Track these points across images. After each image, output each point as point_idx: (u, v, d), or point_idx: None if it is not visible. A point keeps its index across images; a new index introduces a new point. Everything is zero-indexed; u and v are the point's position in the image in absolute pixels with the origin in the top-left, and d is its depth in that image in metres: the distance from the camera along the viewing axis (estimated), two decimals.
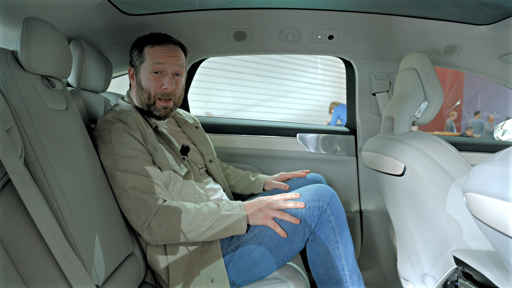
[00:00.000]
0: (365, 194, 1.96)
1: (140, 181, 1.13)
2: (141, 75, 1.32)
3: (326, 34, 1.72)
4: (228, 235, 1.16)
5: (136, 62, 1.33)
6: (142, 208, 1.12)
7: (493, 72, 1.84)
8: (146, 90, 1.31)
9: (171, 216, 1.12)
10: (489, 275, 0.99)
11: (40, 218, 0.75)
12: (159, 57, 1.30)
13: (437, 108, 1.32)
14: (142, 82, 1.31)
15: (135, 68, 1.34)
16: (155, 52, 1.31)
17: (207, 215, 1.14)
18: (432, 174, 1.19)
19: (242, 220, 1.16)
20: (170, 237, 1.13)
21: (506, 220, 0.61)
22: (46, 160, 0.86)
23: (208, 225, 1.13)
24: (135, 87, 1.34)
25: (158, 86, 1.30)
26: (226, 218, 1.14)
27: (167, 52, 1.32)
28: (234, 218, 1.15)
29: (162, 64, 1.30)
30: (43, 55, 0.93)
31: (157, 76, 1.30)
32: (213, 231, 1.13)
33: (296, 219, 1.15)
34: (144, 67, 1.31)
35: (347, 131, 2.00)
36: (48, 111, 0.95)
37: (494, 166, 0.65)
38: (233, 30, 1.68)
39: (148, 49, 1.32)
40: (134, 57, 1.34)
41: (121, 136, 1.16)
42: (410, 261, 1.50)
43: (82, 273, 0.79)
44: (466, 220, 1.15)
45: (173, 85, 1.32)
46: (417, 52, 1.38)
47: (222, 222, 1.14)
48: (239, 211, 1.17)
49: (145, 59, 1.31)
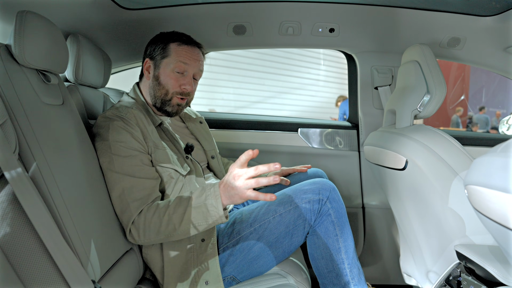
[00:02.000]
0: (367, 189, 1.95)
1: (131, 183, 1.11)
2: (161, 70, 1.30)
3: (327, 27, 1.69)
4: (210, 225, 1.08)
5: (158, 56, 1.31)
6: (125, 215, 1.10)
7: (498, 65, 1.81)
8: (164, 86, 1.29)
9: (145, 221, 1.08)
10: (492, 269, 0.97)
11: (35, 214, 0.75)
12: (185, 57, 1.30)
13: (440, 101, 1.30)
14: (161, 77, 1.30)
15: (154, 61, 1.32)
16: (182, 51, 1.30)
17: (179, 210, 1.07)
18: (434, 168, 1.18)
19: (216, 206, 1.05)
20: (151, 240, 1.11)
21: (508, 213, 0.59)
22: (41, 155, 0.85)
23: (180, 220, 1.06)
24: (151, 80, 1.32)
25: (176, 85, 1.29)
26: (196, 209, 1.06)
27: (193, 54, 1.32)
28: (207, 207, 1.06)
29: (186, 64, 1.30)
30: (37, 49, 0.92)
31: (178, 75, 1.29)
32: (189, 224, 1.06)
33: (270, 196, 0.98)
34: (167, 62, 1.29)
35: (349, 125, 1.98)
36: (44, 105, 0.94)
37: (496, 158, 0.64)
38: (232, 23, 1.66)
39: (174, 46, 1.30)
40: (156, 50, 1.31)
41: (119, 134, 1.15)
42: (413, 256, 1.49)
43: (78, 268, 0.79)
44: (469, 215, 1.14)
45: (192, 86, 1.32)
46: (419, 44, 1.36)
47: (195, 213, 1.06)
48: (210, 199, 1.06)
49: (169, 55, 1.30)
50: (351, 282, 1.21)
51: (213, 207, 1.05)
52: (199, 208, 1.06)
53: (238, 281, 1.23)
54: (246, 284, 1.22)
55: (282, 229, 1.20)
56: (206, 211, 1.06)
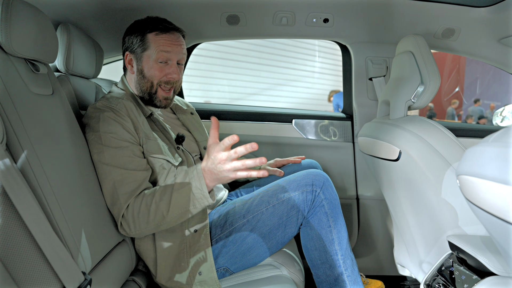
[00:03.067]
0: (361, 180, 1.95)
1: (122, 176, 1.09)
2: (144, 63, 1.27)
3: (321, 18, 1.68)
4: (197, 208, 1.06)
5: (137, 49, 1.27)
6: (115, 208, 1.09)
7: (492, 56, 1.81)
8: (149, 79, 1.27)
9: (134, 212, 1.07)
10: (483, 260, 0.98)
11: (24, 206, 0.73)
12: (166, 45, 1.26)
13: (434, 92, 1.29)
14: (145, 70, 1.27)
15: (135, 55, 1.28)
16: (160, 40, 1.26)
17: (165, 197, 1.06)
18: (427, 159, 1.18)
19: (201, 188, 1.03)
20: (142, 231, 1.10)
21: (502, 204, 0.59)
22: (29, 146, 0.84)
23: (168, 207, 1.05)
24: (135, 74, 1.29)
25: (161, 75, 1.27)
26: (181, 194, 1.05)
27: (173, 41, 1.28)
28: (192, 191, 1.04)
29: (168, 53, 1.26)
30: (24, 37, 0.90)
31: (162, 65, 1.27)
32: (178, 210, 1.05)
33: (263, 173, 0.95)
34: (148, 55, 1.26)
35: (343, 116, 1.98)
36: (32, 95, 0.92)
37: (488, 147, 0.63)
38: (226, 13, 1.64)
39: (152, 36, 1.26)
40: (135, 43, 1.28)
41: (109, 125, 1.13)
42: (407, 246, 1.49)
43: (68, 260, 0.78)
44: (462, 205, 1.14)
45: (178, 74, 1.30)
46: (413, 35, 1.35)
47: (181, 198, 1.04)
48: (194, 181, 1.04)
49: (148, 47, 1.26)
50: (344, 273, 1.21)
51: (198, 189, 1.03)
52: (184, 192, 1.05)
53: (231, 272, 1.23)
54: (239, 275, 1.22)
55: (275, 220, 1.20)
56: (191, 195, 1.04)
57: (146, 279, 1.23)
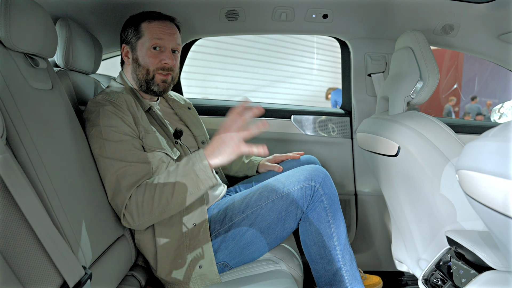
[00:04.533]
0: (360, 176, 1.95)
1: (124, 169, 1.09)
2: (138, 52, 1.29)
3: (321, 13, 1.67)
4: (201, 191, 1.08)
5: (132, 39, 1.30)
6: (118, 200, 1.09)
7: (491, 52, 1.81)
8: (144, 66, 1.28)
9: (137, 202, 1.07)
10: (482, 254, 0.98)
11: (24, 200, 0.73)
12: (159, 32, 1.28)
13: (433, 88, 1.29)
14: (140, 58, 1.29)
15: (130, 45, 1.31)
16: (153, 27, 1.28)
17: (168, 182, 1.07)
18: (426, 154, 1.18)
19: (204, 169, 1.06)
20: (146, 221, 1.09)
21: (502, 198, 0.59)
22: (29, 140, 0.83)
23: (172, 192, 1.06)
24: (131, 64, 1.31)
25: (156, 62, 1.28)
26: (185, 177, 1.06)
27: (166, 29, 1.30)
28: (196, 173, 1.06)
29: (162, 40, 1.28)
30: (24, 32, 0.90)
31: (156, 52, 1.28)
32: (182, 194, 1.06)
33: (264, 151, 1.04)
34: (142, 42, 1.28)
35: (342, 113, 1.98)
36: (32, 90, 0.92)
37: (488, 142, 0.64)
38: (225, 9, 1.64)
39: (145, 24, 1.29)
40: (130, 34, 1.31)
41: (109, 119, 1.13)
42: (404, 242, 1.50)
43: (68, 254, 0.78)
44: (460, 201, 1.15)
45: (173, 60, 1.30)
46: (413, 31, 1.35)
47: (185, 181, 1.06)
48: (198, 163, 1.07)
49: (142, 35, 1.28)
50: (343, 268, 1.21)
51: (202, 171, 1.06)
52: (188, 176, 1.07)
53: (230, 267, 1.24)
54: (238, 270, 1.23)
55: (274, 215, 1.20)
56: (195, 177, 1.06)
57: (146, 274, 1.23)
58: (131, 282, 1.15)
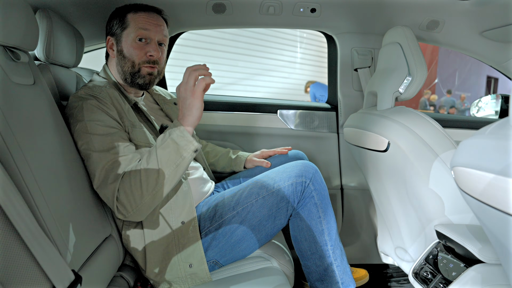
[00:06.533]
0: (346, 170, 1.96)
1: (112, 162, 1.05)
2: (123, 43, 1.24)
3: (309, 7, 1.66)
4: (186, 159, 1.06)
5: (117, 30, 1.25)
6: (108, 194, 1.05)
7: (474, 48, 1.84)
8: (129, 59, 1.23)
9: (125, 190, 1.03)
10: (472, 248, 1.00)
11: (8, 201, 0.69)
12: (145, 23, 1.23)
13: (421, 83, 1.31)
14: (125, 50, 1.24)
15: (115, 37, 1.26)
16: (139, 18, 1.24)
17: (151, 161, 1.04)
18: (416, 150, 1.19)
19: (182, 134, 1.06)
20: (139, 208, 1.04)
21: (502, 196, 0.60)
22: (12, 138, 0.79)
23: (157, 168, 1.04)
24: (116, 57, 1.26)
25: (142, 54, 1.23)
26: (165, 149, 1.05)
27: (152, 19, 1.25)
28: (174, 141, 1.05)
29: (147, 30, 1.23)
30: (4, 23, 0.84)
31: (141, 44, 1.23)
32: (168, 168, 1.04)
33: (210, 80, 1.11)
34: (127, 33, 1.23)
35: (328, 107, 1.98)
36: (14, 85, 0.87)
37: (486, 140, 0.64)
38: (212, 1, 1.60)
39: (131, 15, 1.24)
40: (115, 25, 1.26)
41: (93, 113, 1.09)
42: (391, 236, 1.52)
43: (57, 258, 0.74)
44: (448, 195, 1.16)
45: (159, 53, 1.26)
46: (401, 26, 1.36)
47: (168, 154, 1.04)
48: (174, 131, 1.07)
49: (128, 25, 1.24)
50: (334, 263, 1.22)
51: (180, 137, 1.05)
52: (168, 147, 1.05)
53: (220, 265, 1.22)
54: (229, 268, 1.21)
55: (265, 212, 1.19)
56: (175, 145, 1.05)
57: (134, 274, 1.20)
58: (120, 283, 1.12)
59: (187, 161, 1.06)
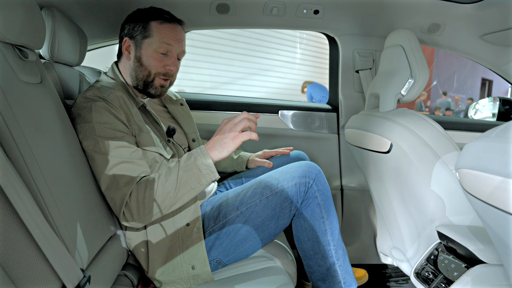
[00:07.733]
0: (346, 171, 1.98)
1: (120, 165, 1.06)
2: (143, 51, 1.23)
3: (312, 9, 1.67)
4: (203, 185, 1.08)
5: (138, 36, 1.23)
6: (117, 198, 1.05)
7: (474, 51, 1.86)
8: (146, 68, 1.23)
9: (138, 199, 1.04)
10: (473, 248, 1.01)
11: (19, 200, 0.69)
12: (169, 37, 1.23)
13: (423, 86, 1.32)
14: (144, 58, 1.23)
15: (135, 41, 1.24)
16: (165, 30, 1.23)
17: (171, 179, 1.06)
18: (418, 151, 1.20)
19: (207, 164, 1.07)
20: (146, 218, 1.06)
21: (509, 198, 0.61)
22: (21, 137, 0.79)
23: (175, 187, 1.05)
24: (132, 61, 1.25)
25: (160, 66, 1.23)
26: (187, 172, 1.06)
27: (176, 34, 1.25)
28: (198, 168, 1.07)
29: (170, 45, 1.23)
30: (12, 22, 0.84)
31: (162, 57, 1.23)
32: (184, 189, 1.06)
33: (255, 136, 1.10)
34: (149, 42, 1.22)
35: (329, 108, 1.99)
36: (22, 84, 0.87)
37: (493, 143, 0.65)
38: (216, 2, 1.61)
39: (156, 24, 1.22)
40: (136, 29, 1.23)
41: (102, 115, 1.08)
42: (391, 236, 1.53)
43: (66, 257, 0.75)
44: (449, 196, 1.18)
45: (177, 67, 1.27)
46: (404, 29, 1.37)
47: (188, 176, 1.06)
48: (200, 158, 1.08)
49: (151, 35, 1.22)
50: (336, 263, 1.23)
51: (204, 165, 1.07)
52: (190, 171, 1.06)
53: (223, 265, 1.23)
54: (232, 267, 1.22)
55: (268, 212, 1.20)
56: (198, 172, 1.06)
57: (137, 273, 1.20)
58: (124, 282, 1.12)
59: (203, 188, 1.09)
